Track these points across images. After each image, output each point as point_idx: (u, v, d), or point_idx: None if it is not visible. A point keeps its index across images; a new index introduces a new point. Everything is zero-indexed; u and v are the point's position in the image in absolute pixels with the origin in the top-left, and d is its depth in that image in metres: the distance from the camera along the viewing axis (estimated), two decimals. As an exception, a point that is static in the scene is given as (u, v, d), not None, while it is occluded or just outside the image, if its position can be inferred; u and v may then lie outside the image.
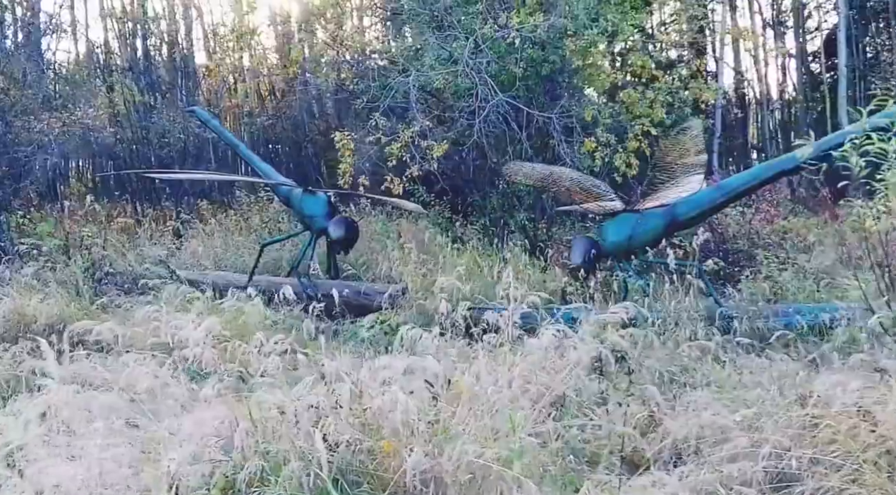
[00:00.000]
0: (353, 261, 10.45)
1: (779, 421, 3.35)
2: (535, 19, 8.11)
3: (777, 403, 3.68)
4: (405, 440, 3.38)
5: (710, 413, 3.67)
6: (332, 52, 10.40)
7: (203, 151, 18.97)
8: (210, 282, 10.07)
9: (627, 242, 7.60)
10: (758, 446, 3.23)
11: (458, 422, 3.53)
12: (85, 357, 6.00)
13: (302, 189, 10.15)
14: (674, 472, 3.24)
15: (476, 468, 3.21)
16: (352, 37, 8.67)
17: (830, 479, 3.02)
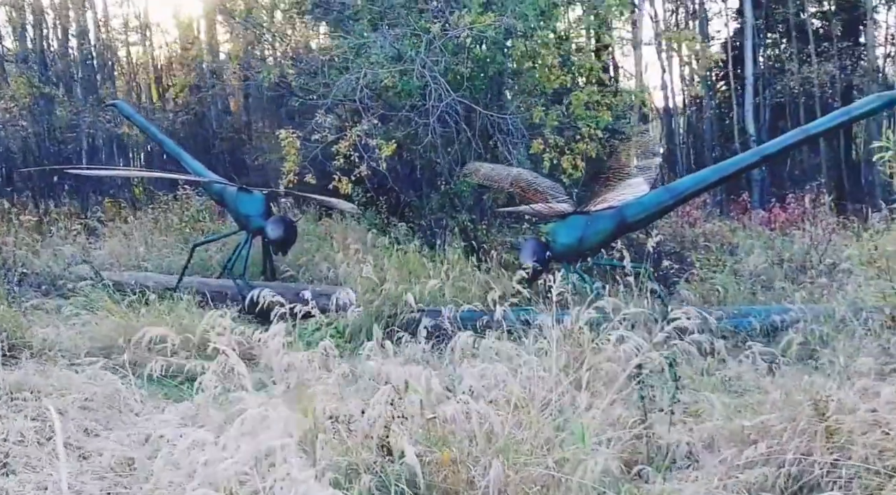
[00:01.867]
0: (292, 262, 10.21)
1: (797, 427, 3.38)
2: (487, 19, 8.09)
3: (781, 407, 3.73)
4: (474, 450, 3.26)
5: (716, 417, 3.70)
6: (273, 48, 10.10)
7: (113, 146, 18.29)
8: (136, 284, 9.65)
9: (578, 244, 7.67)
10: (776, 452, 3.26)
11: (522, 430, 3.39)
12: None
13: (237, 187, 9.86)
14: (690, 475, 3.26)
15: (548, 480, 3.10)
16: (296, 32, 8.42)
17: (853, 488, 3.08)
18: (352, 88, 8.64)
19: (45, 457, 4.42)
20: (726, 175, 7.66)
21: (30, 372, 5.56)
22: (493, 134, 8.85)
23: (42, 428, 4.80)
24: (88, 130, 16.77)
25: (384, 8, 8.73)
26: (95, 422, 5.04)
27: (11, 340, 6.93)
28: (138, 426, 5.09)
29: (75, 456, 4.57)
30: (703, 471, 3.35)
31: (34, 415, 4.92)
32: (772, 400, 3.80)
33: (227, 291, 9.44)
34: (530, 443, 3.19)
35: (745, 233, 11.30)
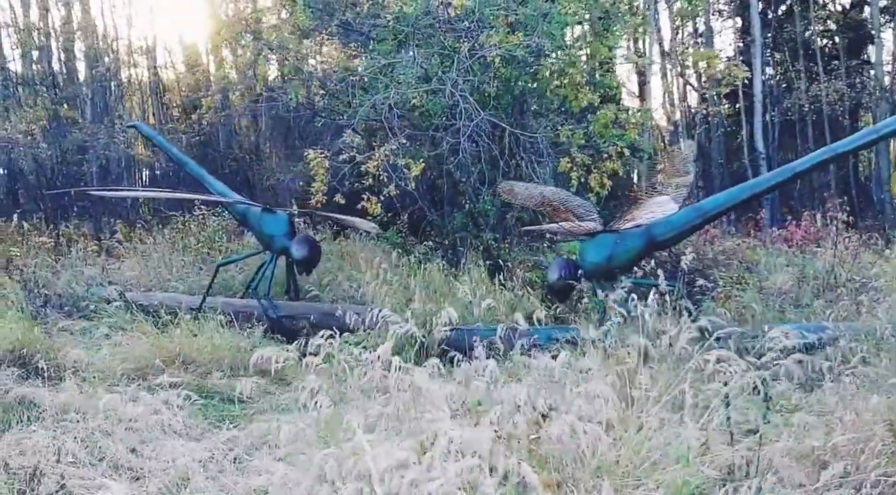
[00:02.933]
0: (315, 281, 10.23)
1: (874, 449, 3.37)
2: (515, 39, 8.16)
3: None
4: (578, 471, 3.21)
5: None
6: (304, 68, 10.17)
7: (129, 167, 18.40)
8: (161, 305, 9.67)
9: (607, 262, 7.69)
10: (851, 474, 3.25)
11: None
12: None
13: (261, 208, 9.90)
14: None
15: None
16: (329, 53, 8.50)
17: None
18: (378, 108, 8.69)
19: (98, 479, 4.42)
20: (757, 192, 7.68)
21: (74, 394, 5.55)
22: (517, 152, 8.89)
23: (92, 449, 4.81)
24: (103, 152, 16.83)
25: (414, 29, 8.79)
26: (142, 444, 5.03)
27: (45, 361, 6.94)
28: (186, 447, 5.08)
29: (127, 478, 4.57)
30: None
31: (82, 436, 4.93)
32: (841, 421, 3.79)
33: (251, 311, 9.43)
34: (629, 463, 3.16)
35: (764, 250, 11.32)
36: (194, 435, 5.50)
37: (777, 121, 21.26)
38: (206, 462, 4.71)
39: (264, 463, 4.62)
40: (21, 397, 5.27)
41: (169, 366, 6.92)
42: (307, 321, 9.14)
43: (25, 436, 4.78)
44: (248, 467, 4.63)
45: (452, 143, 8.59)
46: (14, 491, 4.09)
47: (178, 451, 5.00)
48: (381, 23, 9.25)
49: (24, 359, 6.87)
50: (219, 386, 6.87)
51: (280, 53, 9.79)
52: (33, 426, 5.10)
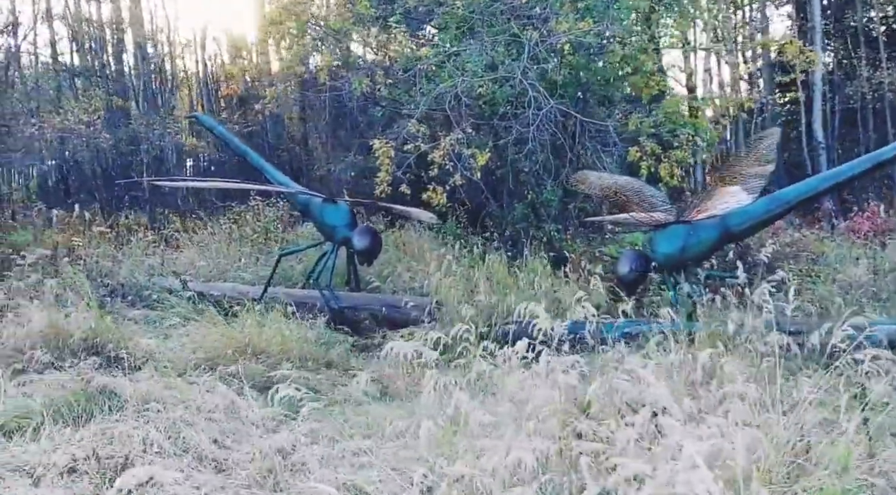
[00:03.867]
0: (378, 272, 10.18)
1: None
2: (585, 25, 8.00)
3: None
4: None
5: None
6: (368, 57, 10.11)
7: (180, 157, 18.57)
8: (225, 295, 9.71)
9: (679, 254, 7.51)
10: None
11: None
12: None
13: (322, 198, 9.87)
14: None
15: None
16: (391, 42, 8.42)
17: None
18: (443, 98, 8.59)
19: (185, 469, 4.41)
20: (839, 182, 7.41)
21: (153, 383, 5.55)
22: (582, 141, 8.73)
23: (175, 439, 4.80)
24: (158, 142, 16.99)
25: (483, 16, 8.67)
26: (223, 435, 5.02)
27: (116, 350, 6.98)
28: (266, 439, 5.05)
29: (211, 469, 4.55)
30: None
31: (164, 427, 4.93)
32: None
33: (312, 302, 9.39)
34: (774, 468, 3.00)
35: (832, 242, 11.02)
36: (271, 427, 5.47)
37: (838, 110, 20.73)
38: (287, 453, 4.67)
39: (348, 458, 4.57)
40: (102, 386, 5.28)
41: (239, 356, 6.92)
42: (369, 312, 9.13)
43: (110, 426, 4.78)
44: (333, 460, 4.57)
45: (522, 132, 8.44)
46: (106, 480, 4.09)
47: (259, 443, 4.98)
48: (443, 10, 9.13)
49: (96, 348, 6.91)
50: (288, 378, 6.83)
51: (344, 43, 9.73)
52: (115, 415, 5.11)
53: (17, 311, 7.84)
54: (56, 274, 10.10)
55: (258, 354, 7.12)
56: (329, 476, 4.24)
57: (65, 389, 5.27)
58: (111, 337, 7.12)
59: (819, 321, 6.69)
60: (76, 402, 5.16)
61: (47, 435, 4.62)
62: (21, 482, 3.96)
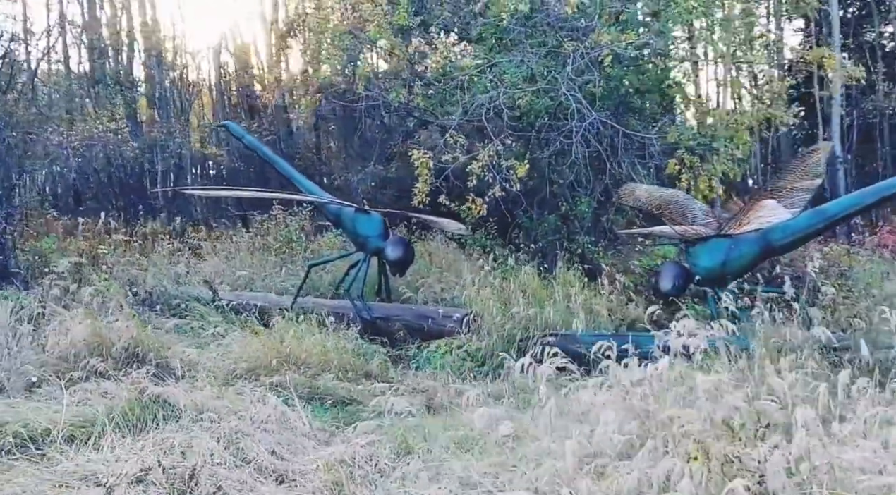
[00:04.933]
0: (411, 283, 10.16)
1: None
2: (628, 37, 7.99)
3: None
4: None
5: None
6: (402, 67, 10.11)
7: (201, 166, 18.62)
8: (254, 305, 9.68)
9: (721, 268, 7.47)
10: None
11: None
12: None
13: (354, 208, 9.86)
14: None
15: None
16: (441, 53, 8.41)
17: None
18: (479, 109, 8.59)
19: (248, 481, 4.38)
20: (886, 196, 7.36)
21: (206, 393, 5.54)
22: (619, 153, 8.71)
23: (234, 449, 4.78)
24: (178, 150, 17.01)
25: (525, 27, 8.67)
26: (278, 445, 4.99)
27: (158, 360, 6.97)
28: (322, 450, 5.03)
29: (272, 480, 4.52)
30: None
31: (222, 437, 4.90)
32: None
33: (343, 312, 9.34)
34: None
35: (865, 256, 10.97)
36: (322, 438, 5.45)
37: (856, 124, 20.70)
38: (347, 465, 4.64)
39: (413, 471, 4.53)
40: (156, 396, 5.26)
41: (281, 366, 6.91)
42: (402, 323, 9.09)
43: (168, 436, 4.77)
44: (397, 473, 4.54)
45: (563, 144, 8.42)
46: (175, 491, 4.06)
47: (317, 454, 4.95)
48: (482, 21, 9.13)
49: (139, 357, 6.91)
50: (331, 388, 6.82)
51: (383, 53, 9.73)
52: (171, 425, 5.09)
53: (54, 320, 7.85)
54: (82, 282, 10.07)
55: (299, 365, 7.10)
56: (396, 491, 4.21)
57: (119, 399, 5.24)
58: (152, 346, 7.12)
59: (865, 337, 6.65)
60: (131, 411, 5.13)
61: (109, 444, 4.60)
62: (93, 492, 3.93)
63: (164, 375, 6.41)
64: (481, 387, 7.16)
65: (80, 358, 6.51)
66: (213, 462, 4.50)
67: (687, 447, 2.91)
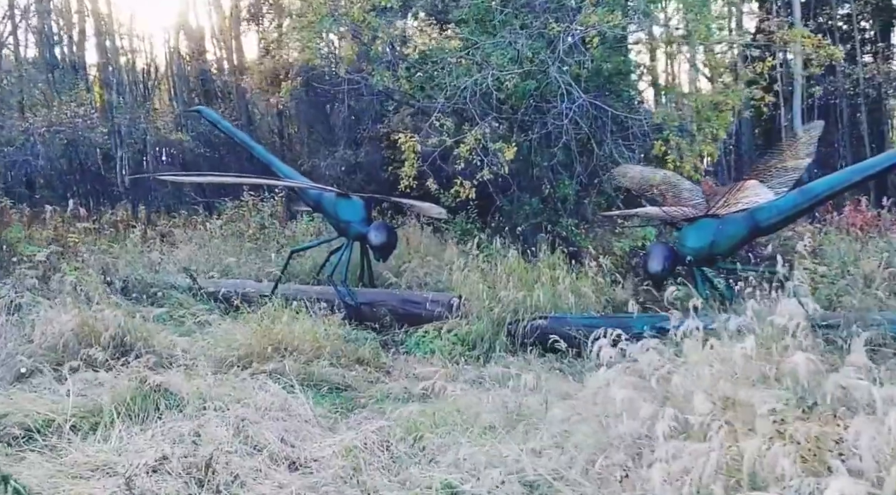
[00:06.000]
0: (393, 268, 10.10)
1: None
2: (615, 18, 7.96)
3: None
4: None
5: None
6: (386, 51, 9.99)
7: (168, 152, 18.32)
8: (235, 292, 9.52)
9: (709, 248, 7.53)
10: None
11: None
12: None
13: (335, 193, 9.77)
14: None
15: None
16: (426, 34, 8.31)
17: None
18: (465, 91, 8.53)
19: (263, 469, 4.33)
20: (870, 174, 7.48)
21: (209, 381, 5.45)
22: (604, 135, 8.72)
23: (243, 438, 4.72)
24: (143, 137, 16.69)
25: (513, 9, 8.61)
26: (285, 432, 4.93)
27: (146, 349, 6.84)
28: (329, 436, 4.99)
29: (285, 467, 4.47)
30: None
31: (226, 425, 4.83)
32: None
33: (325, 298, 9.24)
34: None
35: (835, 235, 11.15)
36: (327, 425, 5.41)
37: (816, 105, 21.07)
38: (360, 450, 4.61)
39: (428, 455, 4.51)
40: (157, 384, 5.16)
41: (273, 354, 6.83)
42: (387, 308, 9.02)
43: (176, 424, 4.69)
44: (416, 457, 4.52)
45: (553, 126, 8.40)
46: (193, 480, 3.99)
47: (324, 441, 4.91)
48: (466, 3, 9.05)
49: (126, 346, 6.77)
50: (325, 375, 6.76)
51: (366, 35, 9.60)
52: (175, 413, 5.01)
53: (35, 309, 7.67)
54: (53, 271, 9.85)
55: (291, 351, 7.02)
56: (418, 474, 4.18)
57: (120, 388, 5.13)
58: (139, 335, 6.99)
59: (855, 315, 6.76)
60: (132, 400, 5.03)
61: (117, 434, 4.51)
62: (111, 482, 3.84)
63: (157, 364, 6.29)
64: (475, 371, 7.19)
65: (68, 347, 6.35)
66: (225, 450, 4.43)
67: (766, 427, 2.89)
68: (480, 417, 5.06)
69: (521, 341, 7.72)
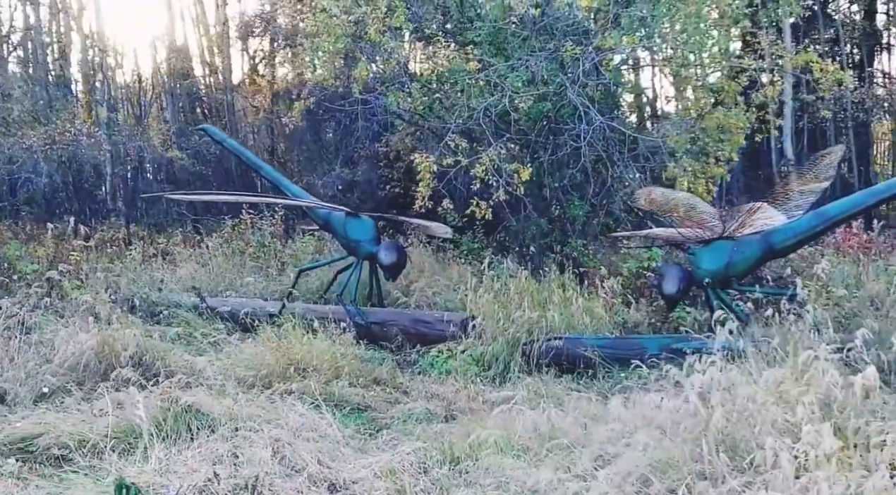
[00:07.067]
0: (403, 287, 10.09)
1: None
2: (632, 40, 8.05)
3: None
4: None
5: None
6: (398, 71, 10.02)
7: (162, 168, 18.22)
8: (243, 310, 9.47)
9: (724, 270, 7.59)
10: None
11: None
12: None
13: (345, 212, 9.77)
14: None
15: None
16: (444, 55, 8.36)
17: None
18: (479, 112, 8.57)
19: (304, 491, 4.31)
20: (883, 198, 7.58)
21: (241, 402, 5.42)
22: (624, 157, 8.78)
23: (279, 458, 4.69)
24: (139, 154, 16.62)
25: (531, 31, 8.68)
26: (320, 453, 4.90)
27: (164, 368, 6.79)
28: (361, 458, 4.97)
29: (325, 488, 4.45)
30: None
31: (265, 447, 4.80)
32: None
33: (334, 317, 9.19)
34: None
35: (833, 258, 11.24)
36: (357, 446, 5.39)
37: (806, 128, 21.33)
38: (399, 474, 4.59)
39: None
40: (188, 405, 5.12)
41: (294, 374, 6.80)
42: (398, 328, 8.99)
43: (213, 446, 4.66)
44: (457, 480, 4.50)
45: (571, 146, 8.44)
46: (240, 501, 3.97)
47: (358, 463, 4.89)
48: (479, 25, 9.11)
49: (144, 366, 6.72)
50: (345, 395, 6.74)
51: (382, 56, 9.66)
52: (209, 434, 4.97)
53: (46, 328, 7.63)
54: (53, 289, 9.76)
55: (310, 371, 6.99)
56: None
57: (152, 408, 5.09)
58: (157, 354, 6.94)
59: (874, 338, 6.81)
60: (164, 421, 5.00)
61: (156, 455, 4.47)
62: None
63: (182, 384, 6.24)
64: (495, 391, 7.18)
65: (89, 367, 6.30)
66: (265, 471, 4.40)
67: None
68: (514, 439, 5.05)
69: (537, 361, 7.72)
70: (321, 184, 17.49)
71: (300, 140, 20.96)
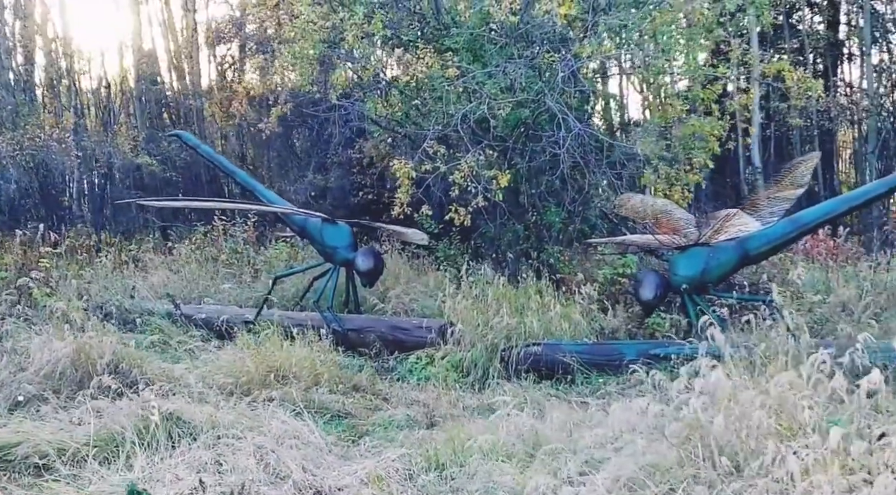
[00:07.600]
0: (380, 293, 10.06)
1: None
2: (607, 48, 8.13)
3: None
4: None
5: None
6: (380, 79, 10.00)
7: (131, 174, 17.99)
8: (220, 318, 9.40)
9: (701, 276, 7.68)
10: None
11: None
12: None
13: (321, 218, 9.73)
14: None
15: None
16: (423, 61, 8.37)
17: None
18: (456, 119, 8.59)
19: (295, 498, 4.28)
20: (854, 205, 7.73)
21: (224, 409, 5.37)
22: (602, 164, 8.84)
23: (264, 466, 4.65)
24: (108, 160, 16.41)
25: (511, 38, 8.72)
26: (304, 460, 4.87)
27: (140, 376, 6.70)
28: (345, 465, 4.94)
29: (311, 495, 4.43)
30: None
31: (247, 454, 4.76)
32: None
33: (312, 324, 9.14)
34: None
35: (806, 264, 11.41)
36: (339, 453, 5.36)
37: (773, 135, 21.65)
38: (385, 480, 4.58)
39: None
40: (170, 413, 5.06)
41: (274, 381, 6.76)
42: (376, 334, 8.96)
43: (196, 453, 4.62)
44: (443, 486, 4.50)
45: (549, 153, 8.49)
46: (228, 511, 3.93)
47: (342, 470, 4.87)
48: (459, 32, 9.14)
49: (122, 373, 6.62)
50: (325, 402, 6.71)
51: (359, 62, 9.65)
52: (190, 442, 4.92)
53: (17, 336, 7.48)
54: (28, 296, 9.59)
55: (290, 378, 6.95)
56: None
57: (132, 415, 5.02)
58: (134, 362, 6.85)
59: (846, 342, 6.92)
60: (145, 429, 4.93)
61: (139, 463, 4.41)
62: (147, 515, 3.76)
63: (161, 392, 6.17)
64: (474, 397, 7.20)
65: (65, 375, 6.21)
66: (250, 479, 4.37)
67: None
68: (498, 445, 5.05)
69: (516, 367, 7.74)
70: (293, 191, 17.41)
71: (270, 146, 20.87)
